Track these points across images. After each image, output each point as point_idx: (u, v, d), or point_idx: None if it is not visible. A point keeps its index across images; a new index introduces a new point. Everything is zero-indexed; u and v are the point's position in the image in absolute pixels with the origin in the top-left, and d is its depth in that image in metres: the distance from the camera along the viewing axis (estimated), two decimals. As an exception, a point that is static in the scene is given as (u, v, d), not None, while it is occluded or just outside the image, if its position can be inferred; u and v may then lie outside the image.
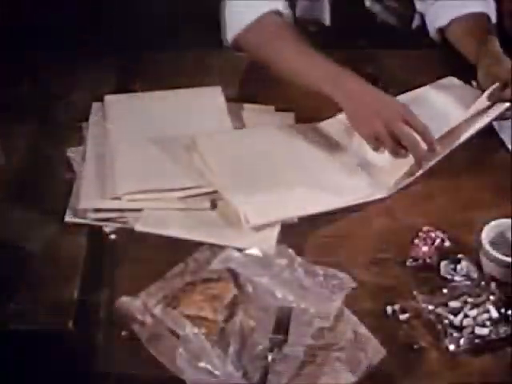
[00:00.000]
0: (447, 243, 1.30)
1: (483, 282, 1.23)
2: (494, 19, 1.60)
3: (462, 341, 1.16)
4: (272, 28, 1.52)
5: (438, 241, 1.30)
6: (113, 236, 1.32)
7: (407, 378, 1.14)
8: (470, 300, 1.20)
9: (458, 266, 1.25)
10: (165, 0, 1.64)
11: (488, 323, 1.18)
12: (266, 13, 1.52)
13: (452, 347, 1.16)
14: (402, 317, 1.20)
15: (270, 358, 1.13)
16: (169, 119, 1.47)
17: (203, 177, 1.35)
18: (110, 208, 1.33)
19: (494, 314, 1.18)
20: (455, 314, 1.19)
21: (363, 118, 1.38)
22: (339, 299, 1.18)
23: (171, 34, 1.67)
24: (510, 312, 1.19)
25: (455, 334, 1.17)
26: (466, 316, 1.18)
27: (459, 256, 1.27)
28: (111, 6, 1.70)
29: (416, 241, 1.30)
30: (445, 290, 1.22)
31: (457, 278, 1.25)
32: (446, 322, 1.18)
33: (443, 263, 1.26)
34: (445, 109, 1.51)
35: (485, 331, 1.17)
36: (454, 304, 1.20)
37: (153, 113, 1.48)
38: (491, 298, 1.20)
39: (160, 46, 1.64)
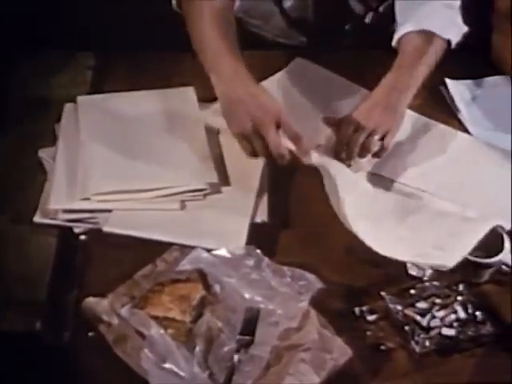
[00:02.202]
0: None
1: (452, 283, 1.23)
2: (454, 43, 1.54)
3: (428, 342, 1.16)
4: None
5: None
6: (83, 237, 1.32)
7: (374, 379, 1.14)
8: (438, 301, 1.20)
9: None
10: (140, 0, 1.63)
11: (455, 324, 1.18)
12: None
13: (418, 348, 1.16)
14: (370, 317, 1.20)
15: (236, 358, 1.13)
16: (141, 120, 1.46)
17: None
18: (80, 209, 1.32)
19: (462, 314, 1.19)
20: (423, 315, 1.19)
21: (235, 116, 1.36)
22: (306, 300, 1.17)
23: (146, 35, 1.66)
24: (477, 313, 1.19)
25: (422, 335, 1.16)
26: (433, 317, 1.18)
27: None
28: (87, 5, 1.69)
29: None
30: (413, 291, 1.22)
31: (426, 278, 1.25)
32: (414, 323, 1.18)
33: (409, 263, 1.27)
34: None
35: (452, 332, 1.17)
36: (421, 305, 1.20)
37: (125, 114, 1.47)
38: (459, 298, 1.20)
39: (135, 46, 1.64)
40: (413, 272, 1.26)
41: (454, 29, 1.56)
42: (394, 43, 1.57)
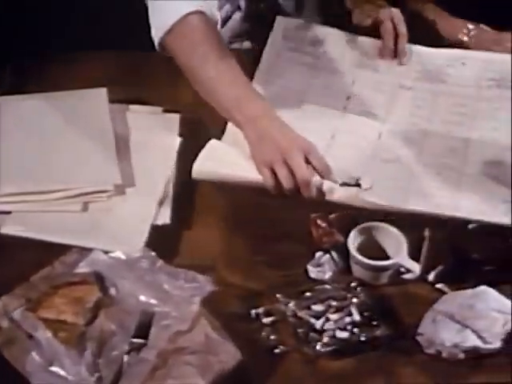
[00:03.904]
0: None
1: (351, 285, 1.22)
2: None
3: (320, 344, 1.15)
4: (195, 33, 1.42)
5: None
6: (-17, 238, 1.31)
7: (266, 383, 1.14)
8: (334, 303, 1.19)
9: (323, 266, 1.25)
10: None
11: (349, 327, 1.17)
12: (190, 13, 1.41)
13: (311, 351, 1.15)
14: (266, 320, 1.20)
15: (125, 361, 1.12)
16: (51, 121, 1.45)
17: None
18: (-20, 210, 1.31)
19: (357, 317, 1.18)
20: (318, 318, 1.18)
21: (263, 147, 1.31)
22: (197, 302, 1.16)
23: (68, 34, 1.65)
24: (373, 316, 1.18)
25: (315, 338, 1.16)
26: (327, 319, 1.18)
27: (324, 255, 1.27)
28: (8, 6, 1.68)
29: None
30: (309, 294, 1.21)
31: (326, 280, 1.24)
32: (308, 325, 1.17)
33: (309, 266, 1.26)
34: None
35: (345, 335, 1.16)
36: (317, 307, 1.19)
37: (36, 115, 1.46)
38: (354, 300, 1.19)
39: (57, 46, 1.63)
40: (312, 274, 1.25)
41: None
42: None
